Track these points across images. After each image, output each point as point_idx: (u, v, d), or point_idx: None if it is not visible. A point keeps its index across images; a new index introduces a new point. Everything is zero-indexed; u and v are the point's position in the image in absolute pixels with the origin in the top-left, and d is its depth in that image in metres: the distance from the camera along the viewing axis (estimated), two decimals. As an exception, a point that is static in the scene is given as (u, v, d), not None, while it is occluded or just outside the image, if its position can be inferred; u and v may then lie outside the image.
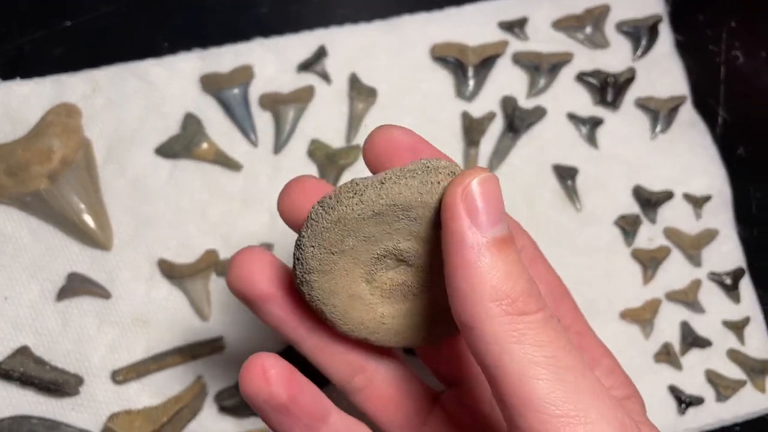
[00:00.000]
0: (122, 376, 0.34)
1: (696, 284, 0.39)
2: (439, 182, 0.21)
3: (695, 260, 0.40)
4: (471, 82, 0.40)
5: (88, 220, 0.35)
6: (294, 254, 0.23)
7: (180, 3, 0.40)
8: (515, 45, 0.41)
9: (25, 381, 0.33)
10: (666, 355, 0.38)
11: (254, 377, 0.22)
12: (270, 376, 0.22)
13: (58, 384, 0.34)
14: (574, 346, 0.20)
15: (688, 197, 0.41)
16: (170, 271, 0.36)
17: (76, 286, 0.35)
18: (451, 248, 0.20)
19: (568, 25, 0.42)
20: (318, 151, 0.38)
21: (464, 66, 0.40)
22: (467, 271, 0.19)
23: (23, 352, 0.34)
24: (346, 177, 0.38)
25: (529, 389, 0.18)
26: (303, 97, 0.38)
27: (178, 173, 0.37)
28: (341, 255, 0.22)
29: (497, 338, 0.19)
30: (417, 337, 0.25)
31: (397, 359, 0.27)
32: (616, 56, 0.42)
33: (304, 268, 0.22)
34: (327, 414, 0.24)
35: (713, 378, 0.38)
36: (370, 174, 0.23)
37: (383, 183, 0.21)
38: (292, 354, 0.36)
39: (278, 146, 0.38)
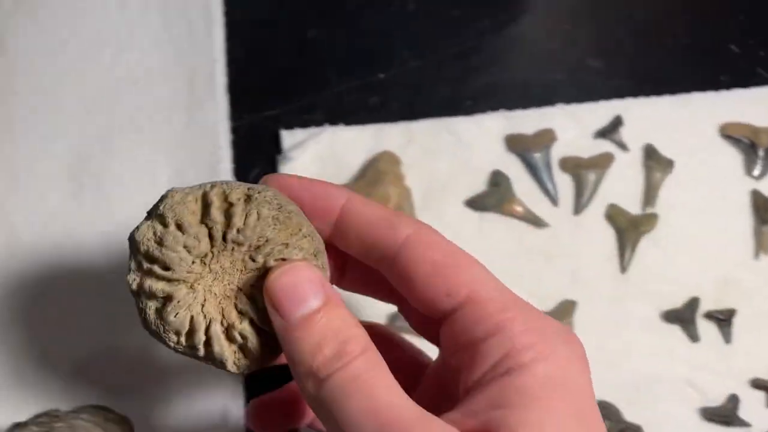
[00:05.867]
0: None
1: None
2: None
3: None
4: (761, 163, 0.41)
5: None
6: None
7: (483, 64, 0.43)
8: (797, 128, 0.42)
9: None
10: None
11: None
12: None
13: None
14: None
15: None
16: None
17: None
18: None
19: None
20: (618, 216, 0.40)
21: (755, 146, 0.41)
22: (288, 356, 0.22)
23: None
24: (643, 244, 0.39)
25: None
26: (602, 162, 0.40)
27: (485, 225, 0.39)
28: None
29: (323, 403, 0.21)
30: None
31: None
32: None
33: None
34: None
35: None
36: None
37: None
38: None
39: (578, 207, 0.40)
